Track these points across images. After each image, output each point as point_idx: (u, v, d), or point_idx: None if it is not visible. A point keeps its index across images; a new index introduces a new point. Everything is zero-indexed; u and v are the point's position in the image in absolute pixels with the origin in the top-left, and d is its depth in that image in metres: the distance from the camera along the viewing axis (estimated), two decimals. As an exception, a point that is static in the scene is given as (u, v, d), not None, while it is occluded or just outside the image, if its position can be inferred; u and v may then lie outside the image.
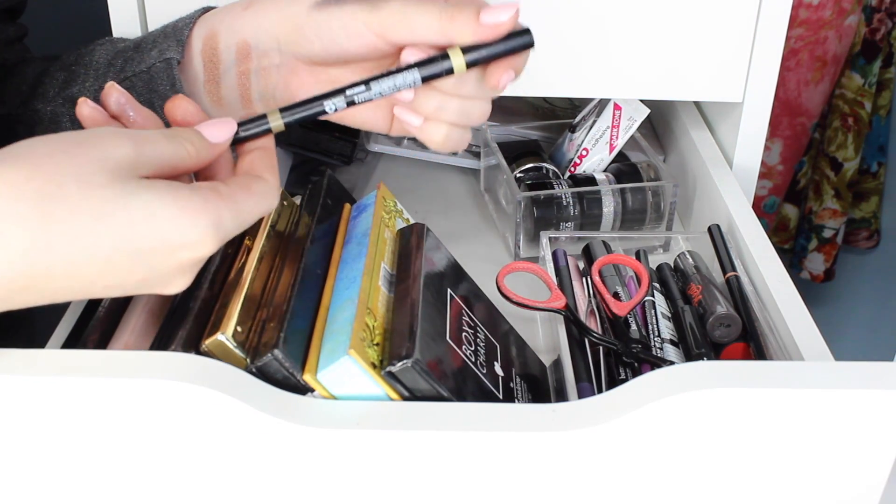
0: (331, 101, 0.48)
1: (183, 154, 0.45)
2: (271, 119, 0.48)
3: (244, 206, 0.44)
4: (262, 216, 0.46)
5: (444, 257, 0.56)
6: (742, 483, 0.46)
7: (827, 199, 1.54)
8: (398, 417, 0.44)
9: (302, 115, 0.48)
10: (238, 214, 0.43)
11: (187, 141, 0.45)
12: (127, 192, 0.40)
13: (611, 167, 0.79)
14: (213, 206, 0.42)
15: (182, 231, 0.41)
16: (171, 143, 0.44)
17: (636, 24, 0.69)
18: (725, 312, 0.58)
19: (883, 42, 1.43)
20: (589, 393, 0.52)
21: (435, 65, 0.47)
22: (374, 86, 0.48)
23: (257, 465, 0.45)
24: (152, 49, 0.56)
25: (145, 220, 0.40)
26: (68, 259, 0.40)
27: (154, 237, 0.41)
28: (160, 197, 0.41)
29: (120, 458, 0.46)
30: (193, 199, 0.42)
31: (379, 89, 0.48)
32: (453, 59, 0.47)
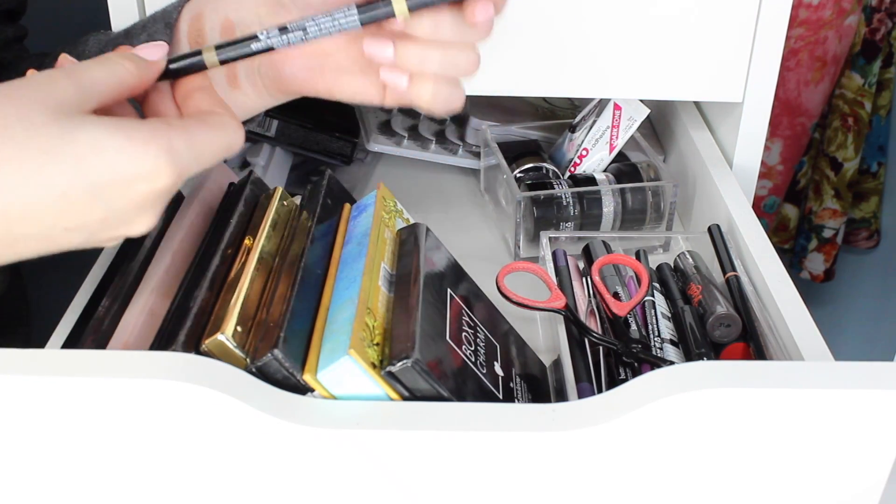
0: (265, 35, 0.47)
1: (122, 73, 0.44)
2: (206, 54, 0.47)
3: (199, 136, 0.43)
4: (226, 152, 0.45)
5: (444, 257, 0.56)
6: (742, 483, 0.46)
7: (827, 199, 1.54)
8: (398, 417, 0.44)
9: (237, 52, 0.48)
10: (193, 144, 0.43)
11: (123, 60, 0.44)
12: (72, 127, 0.40)
13: (611, 167, 0.79)
14: (162, 133, 0.42)
15: (133, 160, 0.40)
16: (105, 67, 0.44)
17: (636, 23, 0.69)
18: (725, 312, 0.58)
19: (883, 42, 1.43)
20: (589, 393, 0.52)
21: (375, 7, 0.47)
22: (311, 23, 0.47)
23: (257, 465, 0.45)
24: (141, 34, 0.56)
25: (94, 152, 0.40)
26: (23, 199, 0.40)
27: (105, 168, 0.40)
28: (106, 128, 0.41)
29: (120, 458, 0.45)
30: (141, 128, 0.41)
31: (318, 26, 0.47)
32: (394, 3, 0.46)
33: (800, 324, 0.54)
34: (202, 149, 0.43)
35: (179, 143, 0.42)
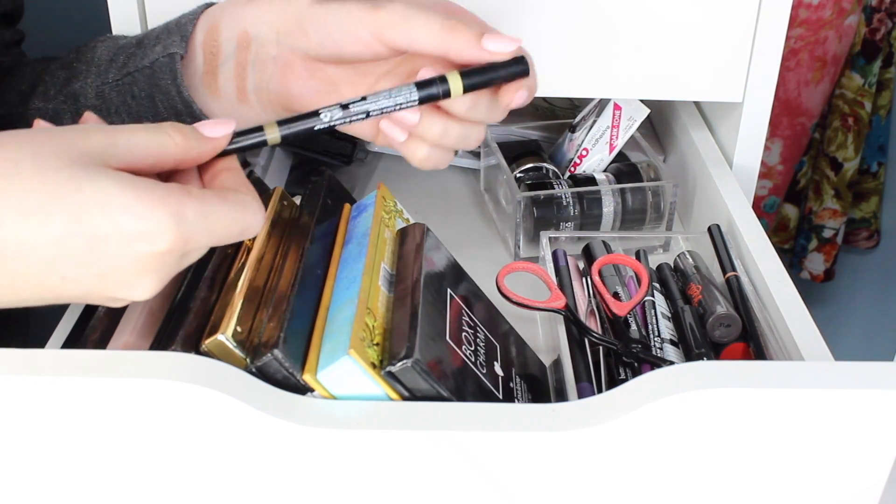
0: (328, 115, 0.47)
1: (166, 144, 0.43)
2: (268, 131, 0.47)
3: (214, 210, 0.42)
4: (241, 233, 0.43)
5: (444, 257, 0.56)
6: (742, 483, 0.46)
7: (827, 199, 1.54)
8: (398, 417, 0.44)
9: (300, 129, 0.48)
10: (206, 216, 0.41)
11: (174, 133, 0.43)
12: (84, 177, 0.39)
13: (611, 167, 0.79)
14: (174, 198, 0.40)
15: (136, 217, 0.39)
16: (150, 133, 0.42)
17: (636, 24, 0.69)
18: (725, 312, 0.58)
19: (883, 42, 1.43)
20: (589, 393, 0.52)
21: (433, 86, 0.47)
22: (371, 103, 0.47)
23: (257, 465, 0.45)
24: (155, 45, 0.56)
25: (98, 204, 0.39)
26: (20, 237, 0.39)
27: (106, 221, 0.39)
28: (117, 182, 0.39)
29: (120, 458, 0.45)
30: (155, 189, 0.40)
31: (378, 107, 0.48)
32: (451, 83, 0.47)
33: (800, 324, 0.54)
34: (215, 223, 0.42)
35: (191, 211, 0.40)
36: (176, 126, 0.44)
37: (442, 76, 0.47)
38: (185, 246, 0.41)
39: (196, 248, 0.42)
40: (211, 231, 0.42)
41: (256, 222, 0.44)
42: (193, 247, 0.42)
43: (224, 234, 0.43)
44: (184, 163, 0.44)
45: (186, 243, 0.41)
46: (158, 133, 0.43)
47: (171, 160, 0.43)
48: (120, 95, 0.58)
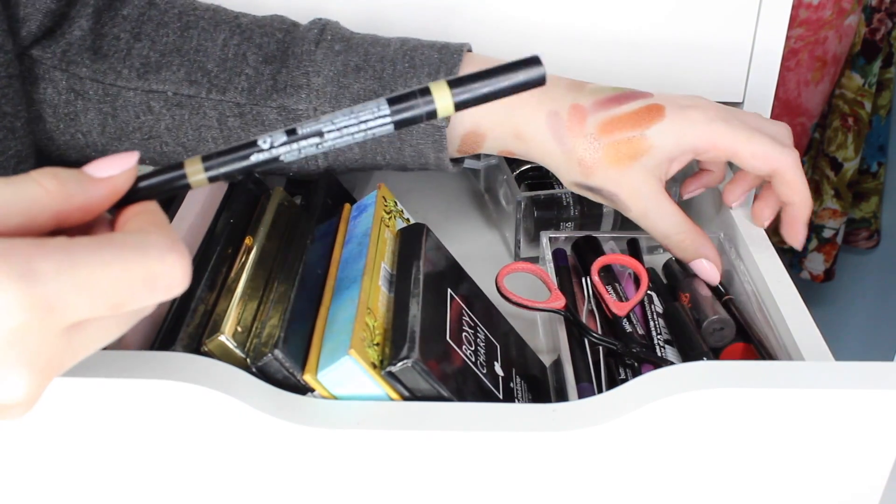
0: (268, 142, 0.36)
1: (35, 194, 0.33)
2: (190, 170, 0.36)
3: (90, 258, 0.31)
4: (149, 282, 0.32)
5: (444, 257, 0.56)
6: (742, 483, 0.46)
7: (827, 199, 1.54)
8: (398, 417, 0.44)
9: (231, 168, 0.36)
10: (75, 267, 0.30)
11: (43, 178, 0.33)
12: None
13: (611, 167, 0.79)
14: (17, 255, 0.30)
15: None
16: (10, 185, 0.33)
17: (636, 24, 0.69)
18: (717, 317, 0.58)
19: (883, 42, 1.43)
20: (589, 393, 0.52)
21: (411, 101, 0.36)
22: (326, 123, 0.36)
23: (257, 465, 0.45)
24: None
25: None
26: None
27: None
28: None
29: (120, 458, 0.46)
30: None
31: (336, 127, 0.36)
32: (436, 96, 0.36)
33: (800, 324, 0.54)
34: (93, 275, 0.31)
35: (46, 266, 0.30)
36: (47, 171, 0.34)
37: (423, 87, 0.36)
38: (56, 317, 0.30)
39: (82, 316, 0.31)
40: (89, 286, 0.31)
41: (167, 268, 0.33)
42: (73, 316, 0.31)
43: (116, 288, 0.31)
44: (69, 215, 0.34)
45: (53, 312, 0.30)
46: (22, 183, 0.33)
47: (48, 214, 0.33)
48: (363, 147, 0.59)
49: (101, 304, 0.31)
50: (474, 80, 0.36)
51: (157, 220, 0.35)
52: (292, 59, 0.57)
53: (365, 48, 0.58)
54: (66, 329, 0.32)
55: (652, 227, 0.59)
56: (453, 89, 0.36)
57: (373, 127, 0.36)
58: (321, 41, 0.58)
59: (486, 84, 0.36)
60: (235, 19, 0.60)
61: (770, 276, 0.58)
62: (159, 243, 0.33)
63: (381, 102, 0.36)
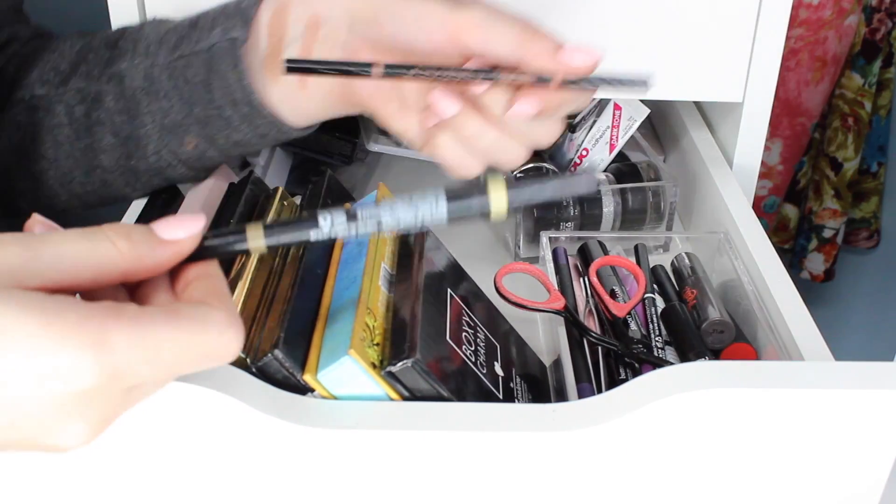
0: (328, 222, 0.38)
1: (107, 253, 0.35)
2: (251, 236, 0.38)
3: (157, 332, 0.33)
4: (207, 357, 0.35)
5: (444, 257, 0.56)
6: (742, 483, 0.46)
7: (827, 199, 1.54)
8: (398, 417, 0.44)
9: (290, 239, 0.39)
10: (144, 340, 0.33)
11: (116, 238, 0.35)
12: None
13: (611, 167, 0.79)
14: (95, 324, 0.32)
15: (44, 351, 0.31)
16: (85, 241, 0.34)
17: (636, 24, 0.69)
18: (719, 318, 0.58)
19: (883, 42, 1.43)
20: (589, 393, 0.52)
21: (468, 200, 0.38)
22: (386, 212, 0.38)
23: (257, 465, 0.45)
24: (213, 28, 0.55)
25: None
26: None
27: (8, 358, 0.31)
28: (24, 305, 0.31)
29: (120, 458, 0.45)
30: (70, 312, 0.32)
31: (394, 218, 0.38)
32: (492, 194, 0.37)
33: (800, 324, 0.54)
34: (159, 349, 0.33)
35: (120, 337, 0.32)
36: (120, 229, 0.35)
37: (482, 185, 0.38)
38: (120, 382, 0.33)
39: (142, 381, 0.34)
40: (155, 360, 0.33)
41: (224, 343, 0.35)
42: (134, 381, 0.34)
43: (176, 361, 0.34)
44: (136, 273, 0.36)
45: (119, 379, 0.33)
46: (96, 240, 0.35)
47: (117, 272, 0.35)
48: (171, 79, 0.56)
49: (162, 372, 0.34)
50: (530, 183, 0.38)
51: (218, 288, 0.37)
52: (122, 39, 0.60)
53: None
54: (126, 390, 0.34)
55: None
56: (510, 190, 0.38)
57: (427, 219, 0.39)
58: (149, 21, 0.61)
59: (540, 190, 0.38)
60: (100, 32, 0.62)
61: (770, 276, 0.58)
62: (220, 319, 0.35)
63: (439, 193, 0.38)
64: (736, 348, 0.58)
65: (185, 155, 0.58)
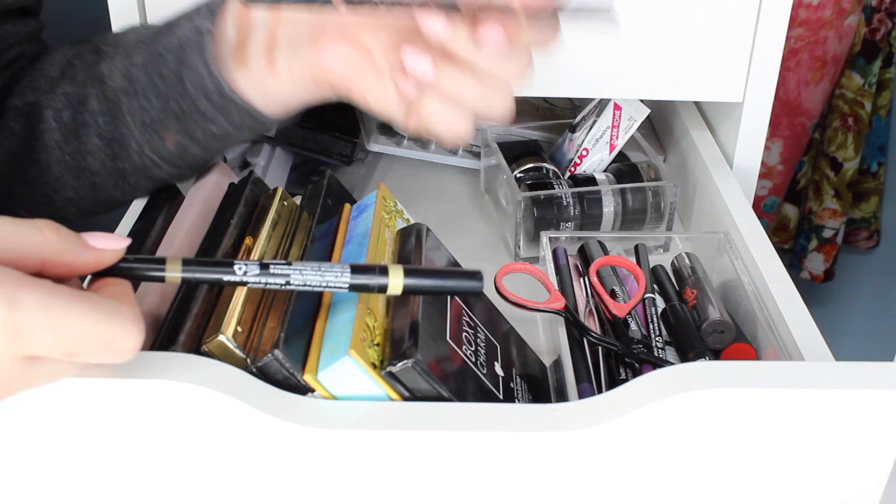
0: (242, 270, 0.43)
1: (34, 239, 0.38)
2: (169, 267, 0.42)
3: (66, 305, 0.36)
4: (108, 344, 0.38)
5: (444, 257, 0.56)
6: (742, 483, 0.46)
7: (827, 199, 1.54)
8: (398, 417, 0.44)
9: (204, 277, 0.43)
10: (51, 309, 0.36)
11: (47, 229, 0.38)
12: None
13: (611, 167, 0.79)
14: (10, 280, 0.35)
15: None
16: (16, 225, 0.37)
17: (636, 24, 0.69)
18: (719, 318, 0.58)
19: (883, 42, 1.43)
20: (589, 393, 0.52)
21: (370, 275, 0.44)
22: (295, 271, 0.43)
23: (257, 465, 0.45)
24: (184, 23, 0.56)
25: None
26: None
27: None
28: None
29: (120, 458, 0.45)
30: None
31: (302, 278, 0.43)
32: (391, 275, 0.44)
33: (800, 324, 0.54)
34: (63, 320, 0.36)
35: (31, 298, 0.35)
36: (52, 225, 0.39)
37: (383, 266, 0.44)
38: (21, 343, 0.35)
39: (43, 350, 0.36)
40: (57, 328, 0.36)
41: (126, 335, 0.38)
42: (35, 348, 0.36)
43: (79, 338, 0.36)
44: (53, 267, 0.39)
45: (21, 338, 0.35)
46: (25, 226, 0.38)
47: (36, 259, 0.38)
48: (148, 76, 0.57)
49: (62, 346, 0.36)
50: (425, 275, 0.45)
51: (127, 295, 0.40)
52: (106, 43, 0.61)
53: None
54: (25, 358, 0.36)
55: None
56: (406, 278, 0.44)
57: (331, 284, 0.44)
58: (133, 26, 0.62)
59: (433, 280, 0.45)
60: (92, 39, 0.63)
61: (770, 276, 0.58)
62: (127, 314, 0.38)
63: (345, 267, 0.44)
64: (736, 348, 0.58)
65: (167, 152, 0.59)
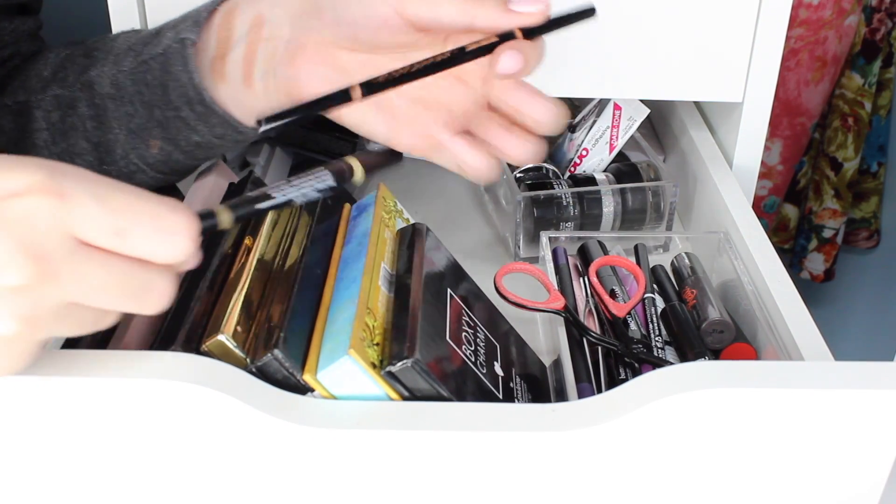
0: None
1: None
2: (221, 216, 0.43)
3: (114, 184, 0.37)
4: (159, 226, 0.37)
5: (444, 257, 0.56)
6: (742, 483, 0.46)
7: (827, 199, 1.54)
8: (398, 417, 0.44)
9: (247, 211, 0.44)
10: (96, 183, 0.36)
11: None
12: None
13: (611, 167, 0.79)
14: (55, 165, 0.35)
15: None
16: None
17: (636, 23, 0.69)
18: (718, 318, 0.58)
19: (883, 42, 1.43)
20: (589, 393, 0.52)
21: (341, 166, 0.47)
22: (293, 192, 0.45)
23: (257, 465, 0.45)
24: (169, 33, 0.56)
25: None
26: None
27: None
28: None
29: (120, 458, 0.45)
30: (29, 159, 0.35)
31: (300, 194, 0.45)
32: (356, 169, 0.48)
33: (800, 324, 0.54)
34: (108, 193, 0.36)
35: (71, 169, 0.36)
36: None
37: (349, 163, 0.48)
38: (64, 204, 0.35)
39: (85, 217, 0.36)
40: (103, 199, 0.36)
41: (176, 217, 0.37)
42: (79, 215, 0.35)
43: (127, 212, 0.36)
44: None
45: (64, 198, 0.35)
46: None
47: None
48: (134, 84, 0.57)
49: (109, 221, 0.36)
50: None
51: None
52: (97, 48, 0.61)
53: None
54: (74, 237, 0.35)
55: None
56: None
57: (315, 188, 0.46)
58: (125, 31, 0.62)
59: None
60: (85, 41, 0.63)
61: (770, 276, 0.58)
62: (174, 202, 0.38)
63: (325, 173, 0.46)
64: (736, 348, 0.58)
65: (152, 159, 0.60)
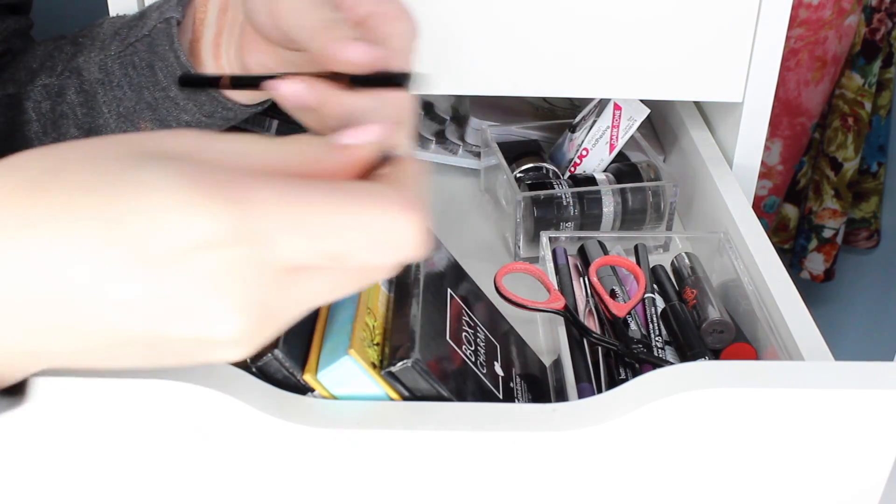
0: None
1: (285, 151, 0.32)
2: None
3: (315, 201, 0.29)
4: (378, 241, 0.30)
5: (444, 257, 0.56)
6: (742, 483, 0.46)
7: (827, 199, 1.54)
8: (398, 417, 0.44)
9: None
10: (292, 206, 0.29)
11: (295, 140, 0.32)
12: (125, 168, 0.29)
13: (611, 167, 0.79)
14: (237, 182, 0.28)
15: (176, 206, 0.28)
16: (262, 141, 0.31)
17: (636, 23, 0.69)
18: (718, 318, 0.58)
19: (883, 42, 1.43)
20: (589, 393, 0.52)
21: None
22: None
23: (257, 465, 0.45)
24: (154, 13, 0.56)
25: (133, 190, 0.28)
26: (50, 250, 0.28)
27: (138, 213, 0.28)
28: (166, 167, 0.28)
29: (120, 457, 0.45)
30: (207, 173, 0.28)
31: None
32: None
33: (800, 324, 0.54)
34: (309, 217, 0.29)
35: (262, 197, 0.28)
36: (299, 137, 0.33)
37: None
38: (264, 248, 0.29)
39: (289, 250, 0.29)
40: (305, 228, 0.29)
41: (394, 225, 0.30)
42: (286, 253, 0.29)
43: (334, 236, 0.29)
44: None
45: (263, 244, 0.29)
46: (281, 141, 0.32)
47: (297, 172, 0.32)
48: (122, 67, 0.58)
49: (317, 249, 0.29)
50: None
51: (410, 171, 0.33)
52: (83, 35, 0.61)
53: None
54: (284, 271, 0.30)
55: None
56: None
57: None
58: (109, 17, 0.62)
59: None
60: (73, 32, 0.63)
61: (770, 276, 0.58)
62: (393, 198, 0.30)
63: None
64: (736, 348, 0.58)
65: None
